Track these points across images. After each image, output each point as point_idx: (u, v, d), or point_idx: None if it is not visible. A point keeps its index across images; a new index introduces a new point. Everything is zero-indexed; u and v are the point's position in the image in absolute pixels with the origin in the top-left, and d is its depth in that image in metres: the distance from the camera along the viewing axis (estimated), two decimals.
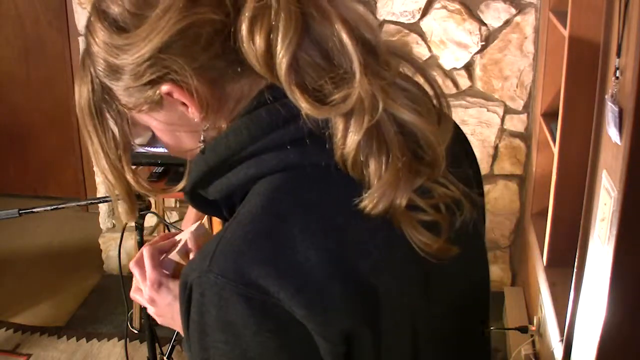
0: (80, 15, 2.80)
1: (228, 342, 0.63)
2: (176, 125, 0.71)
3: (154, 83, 0.66)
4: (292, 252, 0.61)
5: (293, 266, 0.61)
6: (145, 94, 0.67)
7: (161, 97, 0.67)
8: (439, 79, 0.70)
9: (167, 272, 0.87)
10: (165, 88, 0.66)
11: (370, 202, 0.62)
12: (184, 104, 0.67)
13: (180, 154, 0.75)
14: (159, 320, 0.89)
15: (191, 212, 1.76)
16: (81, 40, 2.85)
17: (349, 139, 0.61)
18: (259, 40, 0.60)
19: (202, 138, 0.71)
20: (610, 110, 1.21)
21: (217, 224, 1.80)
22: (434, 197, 0.65)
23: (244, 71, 0.65)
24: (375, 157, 0.62)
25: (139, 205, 1.54)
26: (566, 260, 1.80)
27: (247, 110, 0.67)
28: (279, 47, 0.60)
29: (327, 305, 0.61)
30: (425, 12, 2.56)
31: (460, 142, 0.80)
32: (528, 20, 2.51)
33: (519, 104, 2.63)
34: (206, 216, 1.79)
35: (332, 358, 0.64)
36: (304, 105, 0.61)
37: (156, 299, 0.86)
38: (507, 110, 2.66)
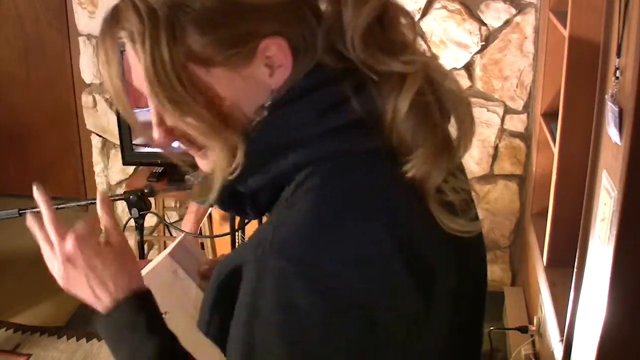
0: (80, 15, 2.80)
1: (281, 323, 0.62)
2: (241, 92, 0.67)
3: (255, 35, 0.65)
4: (354, 235, 0.62)
5: (356, 249, 0.62)
6: (244, 46, 0.65)
7: (255, 51, 0.65)
8: None
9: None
10: (266, 42, 0.65)
11: (412, 166, 0.65)
12: (268, 66, 0.66)
13: (213, 136, 0.67)
14: (62, 283, 0.84)
15: (191, 212, 1.76)
16: (81, 40, 2.85)
17: (398, 110, 0.66)
18: None
19: (254, 119, 0.67)
20: (610, 110, 1.21)
21: (216, 223, 1.80)
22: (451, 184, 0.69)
23: (313, 45, 0.68)
24: (420, 131, 0.66)
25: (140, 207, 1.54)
26: (566, 260, 1.80)
27: (298, 92, 0.67)
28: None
29: (390, 288, 0.62)
30: (425, 12, 2.56)
31: None
32: (528, 20, 2.51)
33: (519, 104, 2.63)
34: (205, 218, 1.79)
35: (388, 339, 0.64)
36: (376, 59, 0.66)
37: (79, 257, 0.81)
38: (507, 110, 2.66)
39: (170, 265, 0.93)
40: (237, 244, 1.65)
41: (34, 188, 0.85)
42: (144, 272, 0.92)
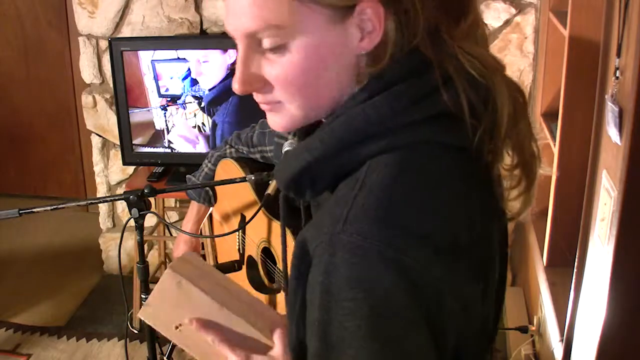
0: (80, 15, 2.80)
1: (356, 299, 0.62)
2: (329, 48, 0.68)
3: None
4: (429, 217, 0.64)
5: (432, 230, 0.64)
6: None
7: (353, 10, 0.66)
8: None
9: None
10: (364, 4, 0.66)
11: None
12: (360, 28, 0.67)
13: (295, 87, 0.69)
14: None
15: (191, 212, 1.75)
16: (81, 40, 2.85)
17: (501, 106, 0.70)
18: None
19: (340, 96, 0.71)
20: (610, 110, 1.21)
21: (216, 223, 1.80)
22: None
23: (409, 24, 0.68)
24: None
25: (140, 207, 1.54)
26: (566, 260, 1.80)
27: (388, 80, 0.68)
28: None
29: (460, 267, 0.65)
30: None
31: None
32: (528, 20, 2.51)
33: None
34: (206, 218, 1.79)
35: (452, 321, 0.65)
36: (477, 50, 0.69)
37: None
38: None
39: (173, 278, 0.92)
40: (237, 244, 1.65)
41: None
42: (151, 296, 0.92)
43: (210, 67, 2.50)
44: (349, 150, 0.68)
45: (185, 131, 2.60)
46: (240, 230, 1.60)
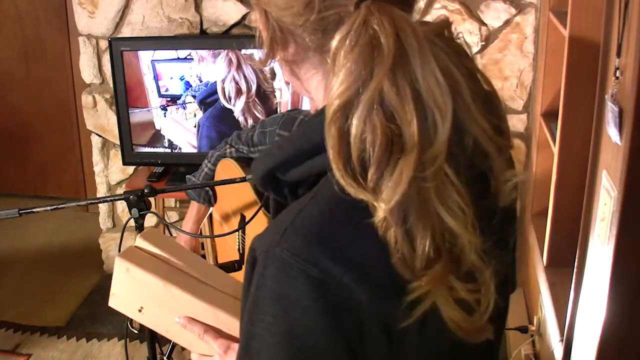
0: (80, 15, 2.80)
1: (276, 315, 0.62)
2: (298, 65, 0.72)
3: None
4: (364, 239, 0.62)
5: (362, 253, 0.62)
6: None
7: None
8: None
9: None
10: None
11: None
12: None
13: (290, 77, 0.76)
14: None
15: (191, 212, 1.75)
16: (81, 40, 2.85)
17: None
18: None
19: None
20: (610, 110, 1.21)
21: (216, 223, 1.80)
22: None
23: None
24: None
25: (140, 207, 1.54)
26: (566, 260, 1.80)
27: None
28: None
29: (387, 294, 0.62)
30: (425, 12, 2.56)
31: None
32: (528, 20, 2.51)
33: (519, 104, 2.63)
34: (206, 218, 1.79)
35: (375, 351, 0.64)
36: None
37: None
38: (507, 110, 2.65)
39: (120, 266, 1.01)
40: (237, 244, 1.65)
41: None
42: (112, 285, 1.02)
43: (209, 66, 2.50)
44: (307, 160, 0.69)
45: (180, 131, 2.60)
46: (240, 230, 1.60)
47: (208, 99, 2.54)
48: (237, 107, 2.53)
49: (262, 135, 1.50)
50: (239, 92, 2.51)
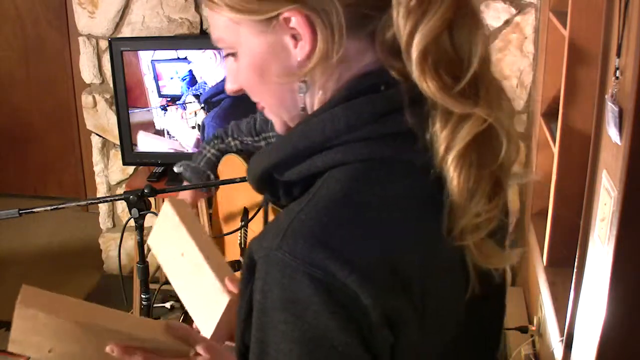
0: (80, 15, 2.80)
1: (288, 321, 0.62)
2: (267, 58, 0.69)
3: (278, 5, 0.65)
4: (366, 241, 0.62)
5: (365, 255, 0.61)
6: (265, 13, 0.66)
7: (276, 18, 0.66)
8: None
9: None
10: (289, 12, 0.65)
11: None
12: (293, 37, 0.67)
13: (258, 93, 0.73)
14: None
15: (183, 197, 1.76)
16: (81, 40, 2.85)
17: (455, 144, 0.64)
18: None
19: (302, 104, 0.71)
20: (610, 110, 1.21)
21: (217, 219, 1.80)
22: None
23: (370, 36, 0.67)
24: (467, 168, 0.64)
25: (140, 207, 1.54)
26: (566, 260, 1.80)
27: (350, 92, 0.67)
28: (422, 26, 0.63)
29: (391, 296, 0.62)
30: None
31: None
32: (528, 20, 2.51)
33: (519, 104, 2.63)
34: (206, 218, 1.79)
35: (385, 348, 0.64)
36: (432, 88, 0.63)
37: None
38: None
39: (24, 311, 0.98)
40: (239, 240, 1.65)
41: None
42: (12, 332, 0.94)
43: (212, 66, 2.50)
44: (305, 159, 0.68)
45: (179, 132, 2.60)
46: (241, 229, 1.60)
47: (213, 98, 2.54)
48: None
49: (264, 123, 1.50)
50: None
